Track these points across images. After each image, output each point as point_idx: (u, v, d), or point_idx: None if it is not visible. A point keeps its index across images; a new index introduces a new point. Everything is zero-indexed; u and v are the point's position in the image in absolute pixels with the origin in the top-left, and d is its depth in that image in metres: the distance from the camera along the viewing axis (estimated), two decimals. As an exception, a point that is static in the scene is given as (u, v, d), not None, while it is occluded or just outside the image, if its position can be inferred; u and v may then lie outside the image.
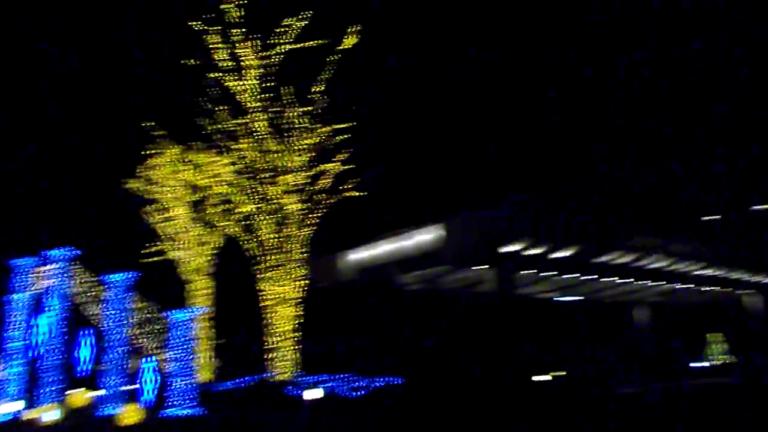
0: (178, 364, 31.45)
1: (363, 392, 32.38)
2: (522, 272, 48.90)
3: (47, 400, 32.56)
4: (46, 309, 34.40)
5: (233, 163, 44.80)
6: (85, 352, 34.05)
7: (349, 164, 47.41)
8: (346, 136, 45.84)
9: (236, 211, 46.42)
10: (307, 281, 45.98)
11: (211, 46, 34.80)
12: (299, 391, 32.82)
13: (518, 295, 48.89)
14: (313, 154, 45.21)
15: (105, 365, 32.48)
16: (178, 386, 31.31)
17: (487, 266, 47.09)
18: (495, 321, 45.12)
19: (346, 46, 38.43)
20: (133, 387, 32.50)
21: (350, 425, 25.72)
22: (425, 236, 50.34)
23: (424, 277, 53.91)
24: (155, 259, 48.66)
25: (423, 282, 54.18)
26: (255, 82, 36.05)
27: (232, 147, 43.51)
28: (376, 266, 53.62)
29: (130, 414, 28.51)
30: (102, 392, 32.42)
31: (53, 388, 33.10)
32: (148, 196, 48.57)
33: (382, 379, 34.01)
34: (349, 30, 38.06)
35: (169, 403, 31.21)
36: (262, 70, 36.46)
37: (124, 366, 32.53)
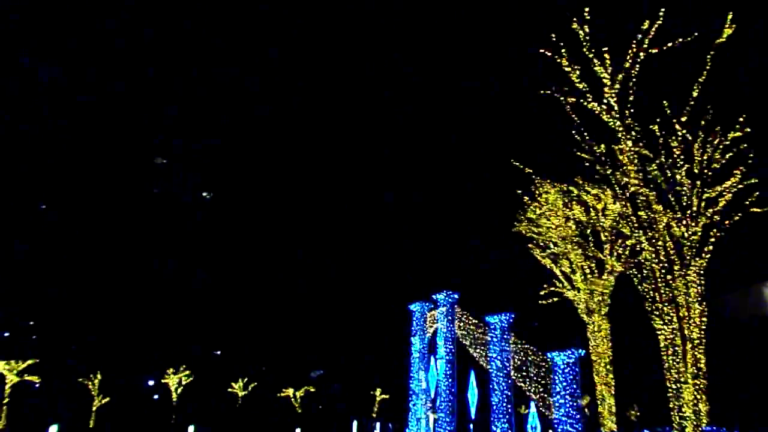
0: (562, 410, 29.24)
1: None
2: None
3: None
4: (438, 351, 36.04)
5: (617, 194, 41.48)
6: (472, 395, 34.46)
7: (748, 179, 40.12)
8: (742, 146, 38.90)
9: (624, 244, 42.76)
10: (712, 318, 39.62)
11: (565, 68, 32.82)
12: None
13: None
14: (704, 170, 39.21)
15: (492, 409, 32.19)
16: (563, 435, 29.08)
17: None
18: None
19: (720, 40, 32.45)
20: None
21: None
22: None
23: None
24: (552, 300, 48.02)
25: None
26: (614, 99, 32.61)
27: (613, 177, 40.31)
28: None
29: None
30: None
31: (447, 430, 34.21)
32: (535, 237, 48.16)
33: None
34: (726, 19, 32.06)
35: (555, 453, 29.15)
36: (619, 86, 32.94)
37: (509, 411, 31.71)
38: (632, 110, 32.68)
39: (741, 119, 40.58)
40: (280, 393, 70.42)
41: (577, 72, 32.58)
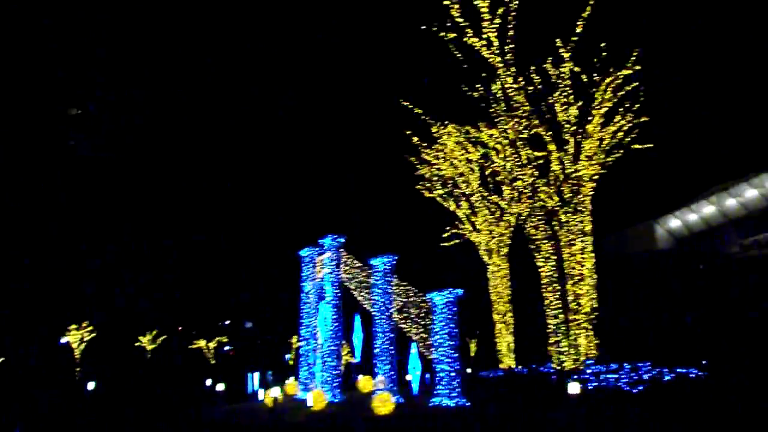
0: (441, 350, 29.14)
1: (644, 387, 25.95)
2: None
3: (327, 385, 33.48)
4: (325, 297, 35.42)
5: (508, 133, 41.10)
6: (357, 339, 34.14)
7: (640, 116, 40.51)
8: (633, 84, 39.14)
9: (518, 185, 42.76)
10: (604, 253, 40.54)
11: (444, 1, 31.65)
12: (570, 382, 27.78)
13: None
14: (596, 109, 39.35)
15: (377, 351, 31.92)
16: (442, 375, 29.05)
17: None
18: None
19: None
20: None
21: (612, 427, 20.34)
22: (758, 190, 40.24)
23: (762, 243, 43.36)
24: (454, 242, 48.08)
25: (760, 248, 43.56)
26: (493, 34, 31.76)
27: (502, 115, 39.79)
28: (695, 233, 44.93)
29: (383, 403, 27.13)
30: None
31: (333, 374, 33.91)
32: (435, 179, 47.69)
33: (680, 370, 26.99)
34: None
35: (435, 393, 29.13)
36: (500, 21, 31.98)
37: (391, 353, 31.52)
38: (513, 46, 32.07)
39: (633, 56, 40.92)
40: (192, 345, 69.33)
41: (457, 6, 31.60)
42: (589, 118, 41.26)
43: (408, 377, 34.78)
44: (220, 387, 38.49)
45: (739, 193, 44.66)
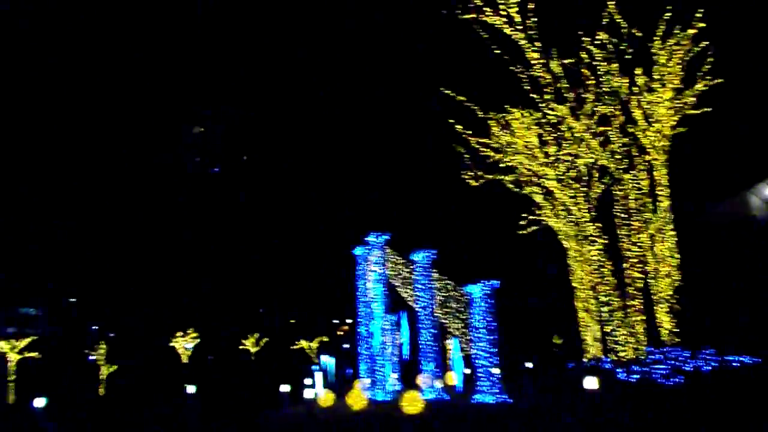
0: (480, 345, 28.00)
1: (679, 379, 23.26)
2: None
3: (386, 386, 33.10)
4: (373, 295, 35.10)
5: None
6: (404, 336, 33.55)
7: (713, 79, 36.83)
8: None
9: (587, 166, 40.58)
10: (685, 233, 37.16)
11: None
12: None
13: None
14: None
15: (421, 348, 31.26)
16: (481, 371, 27.93)
17: None
18: None
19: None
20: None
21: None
22: None
23: None
24: (532, 228, 46.23)
25: None
26: (513, 9, 29.75)
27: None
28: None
29: (412, 402, 26.36)
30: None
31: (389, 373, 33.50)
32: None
33: (735, 359, 23.99)
34: None
35: (476, 390, 28.06)
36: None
37: (435, 348, 30.69)
38: (535, 20, 29.96)
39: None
40: (294, 346, 71.43)
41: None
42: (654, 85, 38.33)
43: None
44: (285, 388, 38.86)
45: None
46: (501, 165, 45.43)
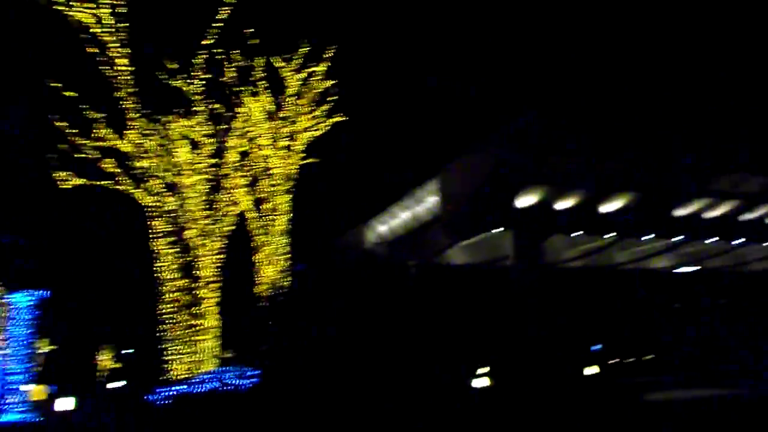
0: (12, 359, 25.38)
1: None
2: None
3: None
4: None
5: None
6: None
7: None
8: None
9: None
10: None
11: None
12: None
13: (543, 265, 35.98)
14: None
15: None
16: (10, 387, 25.30)
17: (501, 228, 35.46)
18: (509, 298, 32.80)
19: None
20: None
21: None
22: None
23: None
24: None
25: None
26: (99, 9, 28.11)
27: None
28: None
29: None
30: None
31: None
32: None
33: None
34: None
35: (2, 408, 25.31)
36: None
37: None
38: (127, 24, 28.77)
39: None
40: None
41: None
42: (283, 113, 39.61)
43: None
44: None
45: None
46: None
